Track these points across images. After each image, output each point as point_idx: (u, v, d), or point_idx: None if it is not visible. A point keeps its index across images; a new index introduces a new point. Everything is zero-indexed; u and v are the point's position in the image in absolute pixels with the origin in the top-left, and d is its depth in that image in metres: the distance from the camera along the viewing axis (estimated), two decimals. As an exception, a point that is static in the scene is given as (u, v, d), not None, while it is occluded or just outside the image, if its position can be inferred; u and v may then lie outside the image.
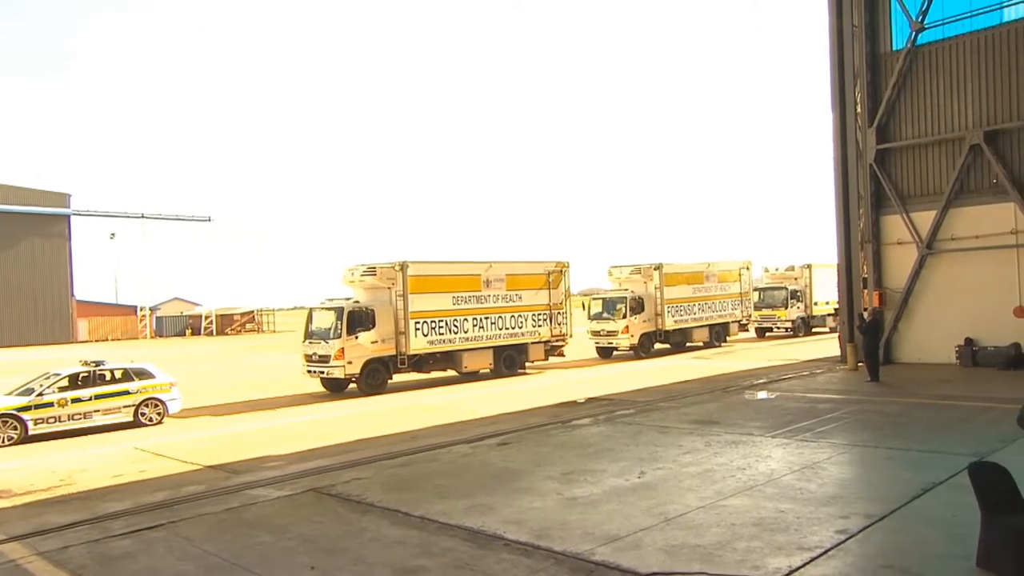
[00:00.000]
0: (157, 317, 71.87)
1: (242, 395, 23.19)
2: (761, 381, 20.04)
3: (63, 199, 65.56)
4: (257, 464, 12.83)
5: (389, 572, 7.33)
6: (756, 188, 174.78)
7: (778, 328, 37.65)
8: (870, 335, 19.06)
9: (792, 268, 38.48)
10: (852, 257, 22.80)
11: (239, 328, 71.10)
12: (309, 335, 22.36)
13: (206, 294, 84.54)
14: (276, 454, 13.60)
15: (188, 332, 70.51)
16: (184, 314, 74.51)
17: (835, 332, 36.27)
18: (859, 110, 22.83)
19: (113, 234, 69.56)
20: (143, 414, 17.37)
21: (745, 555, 7.22)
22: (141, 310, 68.56)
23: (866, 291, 22.51)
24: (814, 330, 38.54)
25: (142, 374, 17.70)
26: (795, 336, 37.01)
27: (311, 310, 23.03)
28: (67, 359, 36.19)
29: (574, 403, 17.77)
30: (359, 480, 11.11)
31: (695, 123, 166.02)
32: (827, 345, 29.84)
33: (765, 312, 37.50)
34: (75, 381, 16.85)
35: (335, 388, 22.45)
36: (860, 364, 20.46)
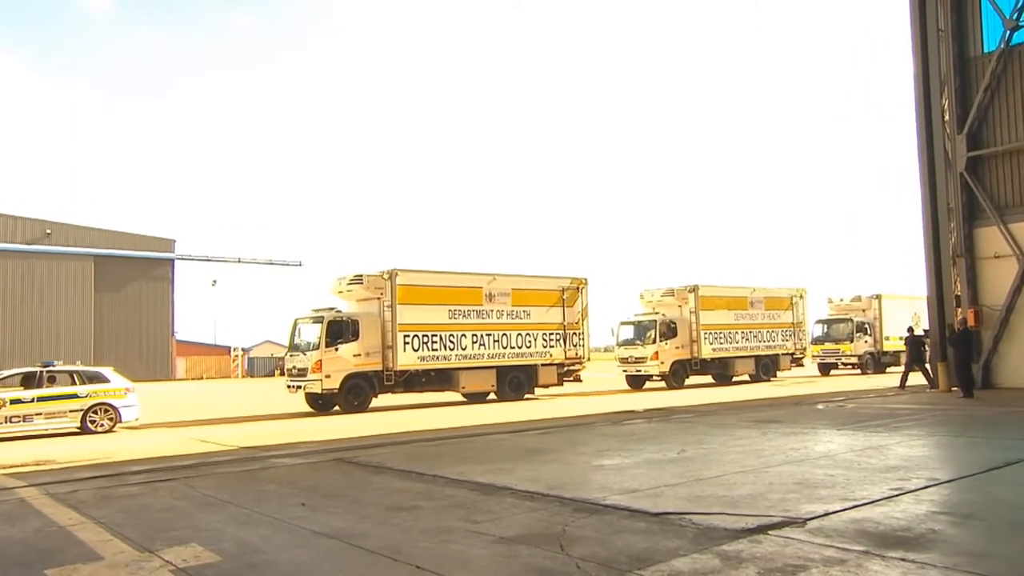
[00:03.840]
0: (249, 358, 74.28)
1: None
2: (837, 399, 18.40)
3: (169, 244, 69.25)
4: (291, 447, 12.51)
5: (381, 509, 6.76)
6: (810, 215, 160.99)
7: (843, 364, 33.75)
8: (961, 346, 17.29)
9: (859, 298, 34.69)
10: (943, 273, 20.98)
11: (325, 370, 72.49)
12: (293, 347, 20.67)
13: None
14: (310, 440, 13.28)
15: (277, 372, 72.35)
16: (274, 355, 76.73)
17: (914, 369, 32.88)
18: (946, 117, 21.34)
19: (215, 281, 72.87)
20: (92, 420, 15.67)
21: (776, 503, 6.27)
22: (234, 351, 71.08)
23: (959, 309, 20.59)
24: (888, 370, 33.60)
25: (95, 378, 16.20)
26: (863, 373, 32.45)
27: (296, 320, 21.05)
28: (165, 393, 37.59)
29: (631, 412, 16.73)
30: (385, 453, 10.63)
31: (739, 141, 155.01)
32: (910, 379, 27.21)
33: (828, 346, 33.58)
34: (25, 382, 15.56)
35: (319, 405, 20.25)
36: (954, 388, 18.57)
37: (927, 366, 21.48)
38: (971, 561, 4.50)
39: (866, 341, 33.52)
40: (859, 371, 33.13)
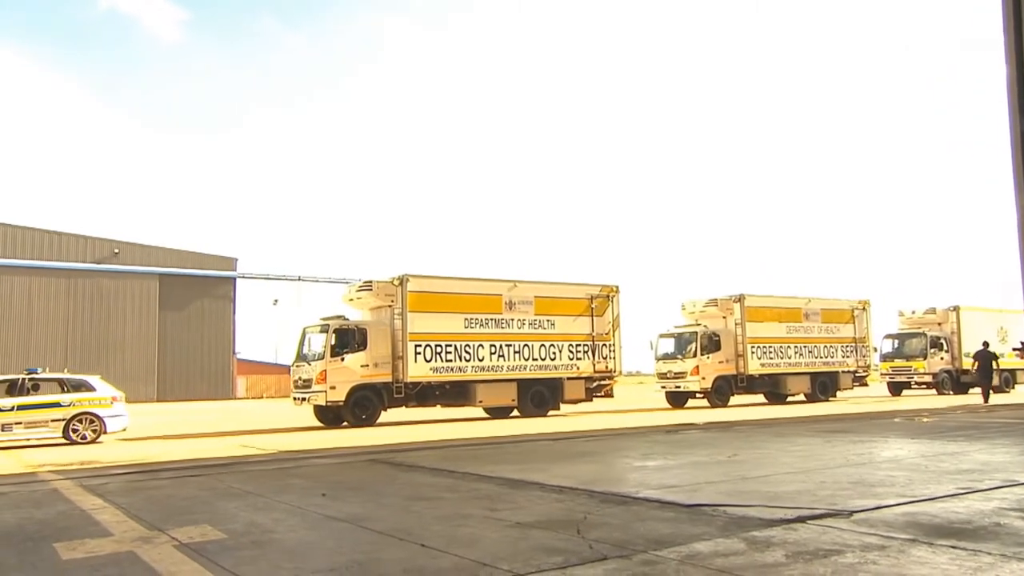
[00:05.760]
0: (309, 377, 75.82)
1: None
2: (918, 415, 17.47)
3: (231, 263, 71.49)
4: (328, 451, 12.60)
5: (402, 499, 6.72)
6: (875, 223, 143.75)
7: (917, 384, 30.99)
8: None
9: (933, 311, 32.48)
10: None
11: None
12: (300, 357, 20.13)
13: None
14: (350, 445, 13.34)
15: (336, 393, 73.67)
16: (334, 375, 78.04)
17: (1004, 390, 30.33)
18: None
19: (276, 300, 74.89)
20: (75, 430, 15.28)
21: (824, 499, 5.95)
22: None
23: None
24: (971, 391, 29.94)
25: (80, 386, 15.83)
26: (940, 393, 29.93)
27: (304, 329, 20.61)
28: (222, 409, 38.67)
29: (689, 424, 16.28)
30: (421, 455, 10.61)
31: (796, 140, 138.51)
32: (1003, 398, 25.53)
33: (898, 363, 31.22)
34: (9, 390, 15.22)
35: (328, 419, 19.67)
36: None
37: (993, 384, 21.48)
38: (1033, 551, 4.14)
39: (942, 358, 31.03)
40: (934, 391, 30.78)
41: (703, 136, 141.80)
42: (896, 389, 32.01)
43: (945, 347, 31.30)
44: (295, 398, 20.07)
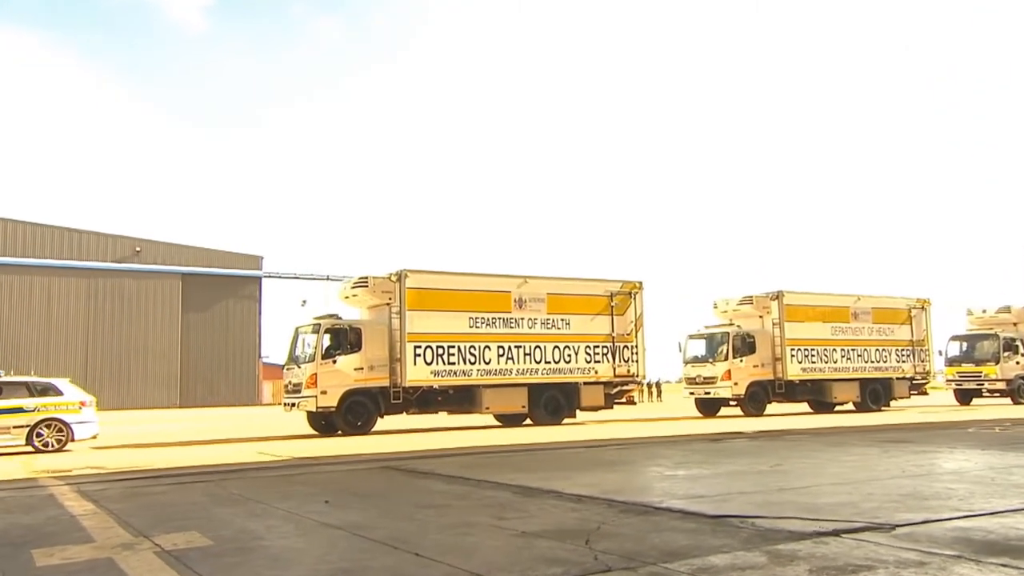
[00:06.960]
0: (338, 383, 76.59)
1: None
2: (998, 424, 16.90)
3: (256, 261, 72.31)
4: (345, 458, 12.67)
5: (408, 507, 6.70)
6: (934, 216, 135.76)
7: (988, 391, 29.31)
8: None
9: (1007, 309, 30.83)
10: None
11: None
12: (292, 359, 19.59)
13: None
14: (370, 452, 13.40)
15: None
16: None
17: None
18: None
19: (305, 301, 75.76)
20: (39, 437, 15.05)
21: (867, 511, 5.75)
22: (322, 374, 73.48)
23: None
24: None
25: (47, 390, 15.61)
26: (1016, 402, 28.12)
27: (297, 329, 19.96)
28: (246, 415, 39.40)
29: (737, 432, 15.98)
30: (440, 462, 10.59)
31: (847, 125, 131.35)
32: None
33: (966, 368, 29.61)
34: None
35: (323, 426, 19.19)
36: None
37: None
38: (1096, 570, 3.92)
39: (1018, 362, 29.28)
40: (1009, 399, 28.98)
41: (711, 133, 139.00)
42: (964, 397, 30.41)
43: (1022, 350, 29.51)
44: (285, 403, 19.68)
